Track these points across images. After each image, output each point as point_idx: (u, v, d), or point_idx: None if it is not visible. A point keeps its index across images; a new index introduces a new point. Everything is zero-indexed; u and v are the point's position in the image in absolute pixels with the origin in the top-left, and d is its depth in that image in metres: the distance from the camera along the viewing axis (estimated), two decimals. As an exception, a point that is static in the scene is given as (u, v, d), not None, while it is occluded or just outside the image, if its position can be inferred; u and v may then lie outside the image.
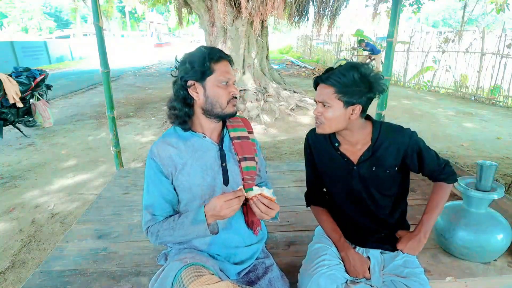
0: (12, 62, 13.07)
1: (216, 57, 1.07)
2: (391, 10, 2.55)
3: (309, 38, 17.83)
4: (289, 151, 4.24)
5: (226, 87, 1.09)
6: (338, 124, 1.14)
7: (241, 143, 1.19)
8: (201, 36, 29.09)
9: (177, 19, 7.73)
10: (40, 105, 4.98)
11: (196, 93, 1.08)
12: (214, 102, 1.08)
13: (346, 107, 1.10)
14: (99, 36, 2.40)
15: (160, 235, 1.09)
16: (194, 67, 1.06)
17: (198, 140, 1.14)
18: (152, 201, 1.12)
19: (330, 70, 1.13)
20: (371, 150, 1.17)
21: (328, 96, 1.10)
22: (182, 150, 1.12)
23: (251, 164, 1.19)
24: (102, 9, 7.92)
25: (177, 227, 1.06)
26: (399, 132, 1.17)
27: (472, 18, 23.64)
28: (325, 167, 1.28)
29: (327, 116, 1.12)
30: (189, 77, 1.07)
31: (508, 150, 4.27)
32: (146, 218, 1.13)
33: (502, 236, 1.42)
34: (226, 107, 1.10)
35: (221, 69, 1.08)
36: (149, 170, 1.13)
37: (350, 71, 1.08)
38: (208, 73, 1.06)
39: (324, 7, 6.63)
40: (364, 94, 1.09)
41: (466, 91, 7.96)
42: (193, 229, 1.03)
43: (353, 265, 1.19)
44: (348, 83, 1.07)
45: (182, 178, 1.11)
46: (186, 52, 1.12)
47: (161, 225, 1.09)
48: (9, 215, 2.82)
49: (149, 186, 1.13)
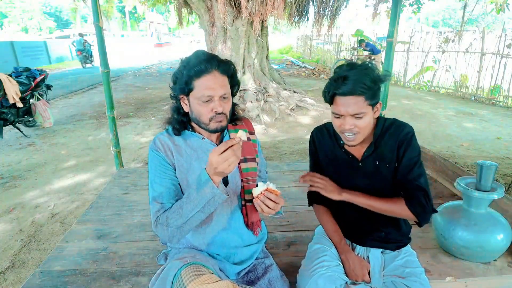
0: (12, 62, 13.06)
1: (196, 72, 1.01)
2: (391, 10, 2.55)
3: (309, 38, 17.83)
4: (289, 151, 4.24)
5: (207, 104, 1.04)
6: (370, 128, 1.14)
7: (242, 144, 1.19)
8: (201, 36, 29.09)
9: (177, 19, 7.73)
10: (40, 105, 4.98)
11: (186, 105, 1.10)
12: (198, 118, 1.08)
13: (372, 109, 1.11)
14: (99, 36, 2.40)
15: (170, 221, 1.01)
16: (177, 83, 1.06)
17: (197, 140, 1.14)
18: (160, 191, 1.07)
19: (342, 80, 1.05)
20: (373, 145, 1.18)
21: (360, 106, 1.06)
22: (182, 148, 1.12)
23: (251, 166, 1.18)
24: (102, 9, 7.92)
25: (184, 202, 0.99)
26: (398, 127, 1.17)
27: (472, 18, 23.65)
28: (329, 165, 1.28)
29: (361, 125, 1.09)
30: (174, 91, 1.09)
31: (508, 150, 4.27)
32: (155, 209, 1.06)
33: (502, 236, 1.42)
34: (208, 124, 1.07)
35: (202, 85, 1.02)
36: (153, 162, 1.11)
37: (365, 74, 1.05)
38: (189, 89, 1.04)
39: (324, 7, 6.64)
40: (380, 89, 1.11)
41: (466, 91, 7.97)
42: (202, 195, 0.95)
43: (353, 268, 1.19)
44: (371, 86, 1.06)
45: (180, 176, 1.11)
46: (183, 58, 1.09)
47: (169, 211, 1.03)
48: (9, 215, 2.82)
49: (155, 177, 1.09)
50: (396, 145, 1.15)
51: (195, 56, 1.05)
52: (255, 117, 5.51)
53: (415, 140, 1.16)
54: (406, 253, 1.24)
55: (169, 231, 1.02)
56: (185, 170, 1.11)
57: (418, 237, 1.68)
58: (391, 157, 1.17)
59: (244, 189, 1.17)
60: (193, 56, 1.06)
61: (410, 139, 1.14)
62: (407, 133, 1.15)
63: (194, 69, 1.01)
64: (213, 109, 1.04)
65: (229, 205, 1.16)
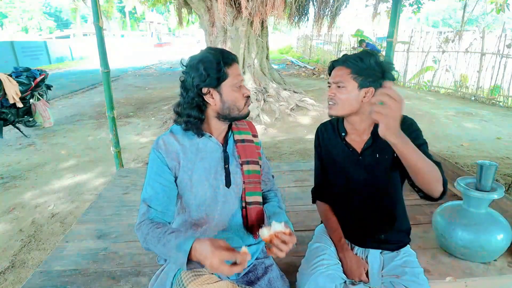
0: (12, 62, 13.07)
1: (229, 61, 1.06)
2: (391, 10, 2.55)
3: (309, 38, 17.83)
4: (289, 151, 4.24)
5: (240, 89, 1.09)
6: (351, 106, 1.14)
7: (245, 146, 1.19)
8: (201, 36, 29.09)
9: (177, 19, 7.73)
10: (40, 105, 4.98)
11: (212, 99, 1.07)
12: (232, 106, 1.08)
13: (360, 89, 1.12)
14: (99, 36, 2.40)
15: (147, 239, 1.00)
16: (210, 74, 1.03)
17: (203, 139, 1.13)
18: (151, 194, 1.08)
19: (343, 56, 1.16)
20: (371, 136, 1.18)
21: (343, 76, 1.12)
22: (187, 148, 1.11)
23: (253, 168, 1.18)
24: (102, 9, 7.92)
25: (162, 241, 0.96)
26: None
27: (472, 18, 23.65)
28: (330, 158, 1.29)
29: (341, 96, 1.13)
30: (205, 85, 1.04)
31: (508, 150, 4.27)
32: (142, 210, 1.07)
33: (502, 236, 1.42)
34: (243, 108, 1.10)
35: (234, 72, 1.07)
36: (153, 162, 1.10)
37: (367, 56, 1.11)
38: (223, 78, 1.05)
39: (324, 7, 6.64)
40: (378, 79, 1.12)
41: (466, 91, 7.96)
42: (174, 254, 0.91)
43: (350, 267, 1.19)
44: (364, 66, 1.11)
45: (184, 176, 1.10)
46: (194, 56, 1.08)
47: (153, 230, 1.00)
48: (9, 215, 2.82)
49: (150, 178, 1.09)
50: None
51: (215, 50, 1.07)
52: (255, 117, 5.51)
53: (416, 124, 1.16)
54: (405, 253, 1.24)
55: (145, 244, 1.02)
56: (189, 171, 1.10)
57: (418, 237, 1.68)
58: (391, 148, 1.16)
59: (245, 191, 1.17)
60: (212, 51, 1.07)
61: (411, 125, 1.14)
62: (404, 121, 1.11)
63: (225, 59, 1.05)
64: (244, 94, 1.10)
65: (230, 207, 1.16)
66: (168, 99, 7.44)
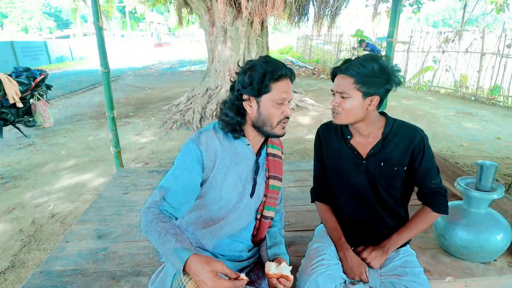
0: (12, 62, 13.07)
1: (276, 76, 1.03)
2: (391, 10, 2.55)
3: (309, 38, 17.82)
4: (289, 151, 4.23)
5: (280, 107, 1.05)
6: (356, 115, 1.13)
7: (275, 161, 1.20)
8: (201, 36, 29.08)
9: (177, 19, 7.73)
10: (40, 105, 4.98)
11: (250, 107, 1.06)
12: (266, 121, 1.06)
13: (364, 98, 1.10)
14: (99, 36, 2.40)
15: (149, 228, 0.97)
16: (252, 83, 1.03)
17: (241, 145, 1.12)
18: (171, 186, 1.04)
19: (345, 61, 1.12)
20: (380, 144, 1.17)
21: (347, 86, 1.10)
22: (226, 149, 1.10)
23: (277, 184, 1.20)
24: (102, 9, 7.93)
25: (162, 238, 0.93)
26: (411, 130, 1.17)
27: (472, 18, 23.65)
28: (332, 160, 1.28)
29: (345, 107, 1.12)
30: (245, 92, 1.04)
31: (508, 150, 4.27)
32: (155, 198, 1.03)
33: (502, 236, 1.42)
34: (275, 127, 1.07)
35: (279, 88, 1.04)
36: (187, 155, 1.06)
37: (370, 62, 1.08)
38: (265, 91, 1.04)
39: (324, 7, 6.63)
40: (382, 85, 1.10)
41: (466, 91, 7.97)
42: (170, 255, 0.89)
43: (350, 266, 1.19)
44: (368, 73, 1.07)
45: (217, 177, 1.08)
46: (249, 61, 1.08)
47: (157, 222, 0.96)
48: (9, 215, 2.82)
49: (177, 170, 1.06)
50: (409, 150, 1.15)
51: (270, 61, 1.06)
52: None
53: (429, 146, 1.16)
54: (405, 253, 1.24)
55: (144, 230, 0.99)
56: (223, 173, 1.09)
57: (418, 237, 1.68)
58: (401, 160, 1.16)
59: (264, 204, 1.19)
60: (265, 61, 1.06)
61: (424, 145, 1.15)
62: (420, 139, 1.15)
63: (273, 73, 1.02)
64: (284, 112, 1.06)
65: (246, 216, 1.17)
66: (168, 99, 7.44)
